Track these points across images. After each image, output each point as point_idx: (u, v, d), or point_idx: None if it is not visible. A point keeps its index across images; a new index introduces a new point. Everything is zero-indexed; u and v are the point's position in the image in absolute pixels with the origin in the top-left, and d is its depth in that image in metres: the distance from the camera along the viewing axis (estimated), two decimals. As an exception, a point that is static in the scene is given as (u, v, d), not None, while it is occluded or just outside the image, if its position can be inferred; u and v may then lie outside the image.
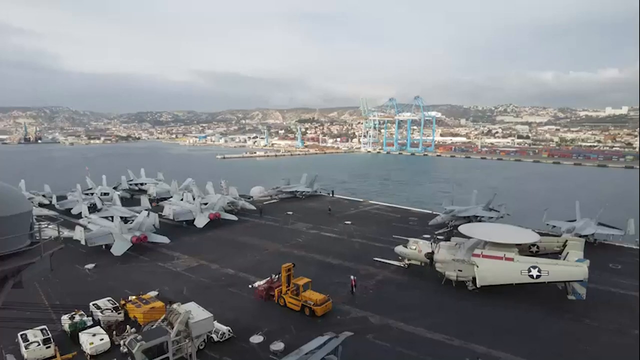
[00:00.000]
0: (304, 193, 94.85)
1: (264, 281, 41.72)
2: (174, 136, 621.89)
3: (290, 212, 78.54)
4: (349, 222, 71.27)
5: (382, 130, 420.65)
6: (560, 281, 38.68)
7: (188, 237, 62.33)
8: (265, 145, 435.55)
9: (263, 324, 34.62)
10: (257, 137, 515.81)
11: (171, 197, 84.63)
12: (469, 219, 65.00)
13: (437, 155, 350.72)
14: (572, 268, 38.13)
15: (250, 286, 42.82)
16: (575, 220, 61.91)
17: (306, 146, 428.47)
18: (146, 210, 65.58)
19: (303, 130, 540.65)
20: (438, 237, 49.89)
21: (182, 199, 79.44)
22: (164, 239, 56.93)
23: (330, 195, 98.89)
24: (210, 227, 66.02)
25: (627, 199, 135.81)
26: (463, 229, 45.67)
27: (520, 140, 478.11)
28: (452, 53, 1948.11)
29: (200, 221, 66.42)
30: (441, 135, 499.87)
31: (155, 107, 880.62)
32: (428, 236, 52.27)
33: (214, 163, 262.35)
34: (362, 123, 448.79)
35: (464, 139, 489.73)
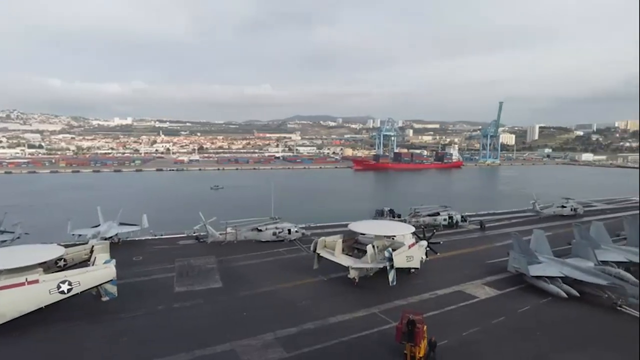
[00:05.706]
0: None
1: None
2: None
3: None
4: None
5: None
6: (94, 287, 38.61)
7: None
8: None
9: None
10: None
11: None
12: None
13: None
14: (102, 271, 38.88)
15: None
16: (99, 225, 63.75)
17: None
18: None
19: None
20: None
21: None
22: None
23: None
24: None
25: (139, 197, 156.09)
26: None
27: (33, 150, 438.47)
28: None
29: None
30: None
31: None
32: None
33: None
34: None
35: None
